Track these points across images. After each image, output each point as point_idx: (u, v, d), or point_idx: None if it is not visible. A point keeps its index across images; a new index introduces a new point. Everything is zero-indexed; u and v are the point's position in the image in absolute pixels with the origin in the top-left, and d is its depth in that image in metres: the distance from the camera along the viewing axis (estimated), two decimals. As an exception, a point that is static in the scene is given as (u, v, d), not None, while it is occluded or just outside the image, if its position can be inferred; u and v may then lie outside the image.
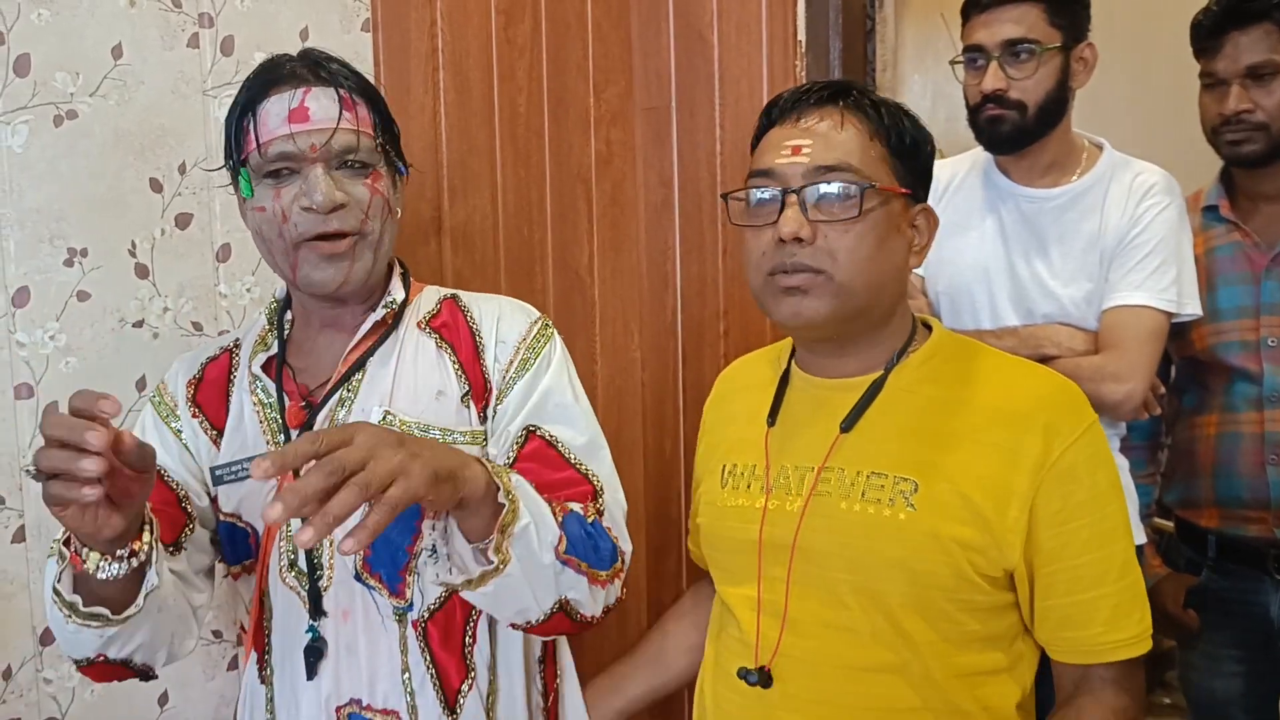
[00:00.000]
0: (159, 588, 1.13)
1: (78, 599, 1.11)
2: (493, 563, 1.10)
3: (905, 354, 1.26)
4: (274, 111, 1.23)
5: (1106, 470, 1.18)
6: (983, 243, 1.91)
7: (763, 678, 1.23)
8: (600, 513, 1.29)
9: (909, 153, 1.22)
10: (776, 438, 1.29)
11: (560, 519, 1.19)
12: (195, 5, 1.67)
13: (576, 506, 1.25)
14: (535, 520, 1.13)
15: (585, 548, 1.21)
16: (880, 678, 1.18)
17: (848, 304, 1.19)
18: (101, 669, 1.22)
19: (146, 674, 1.26)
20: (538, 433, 1.31)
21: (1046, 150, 1.87)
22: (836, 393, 1.26)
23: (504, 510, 1.09)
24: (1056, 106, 1.83)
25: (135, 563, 1.08)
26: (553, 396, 1.34)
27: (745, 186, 1.25)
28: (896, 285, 1.24)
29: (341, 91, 1.25)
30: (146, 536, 1.09)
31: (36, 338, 1.55)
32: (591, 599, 1.23)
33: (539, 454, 1.30)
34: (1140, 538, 1.93)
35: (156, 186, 1.65)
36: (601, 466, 1.34)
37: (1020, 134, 1.83)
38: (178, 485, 1.33)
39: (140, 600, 1.11)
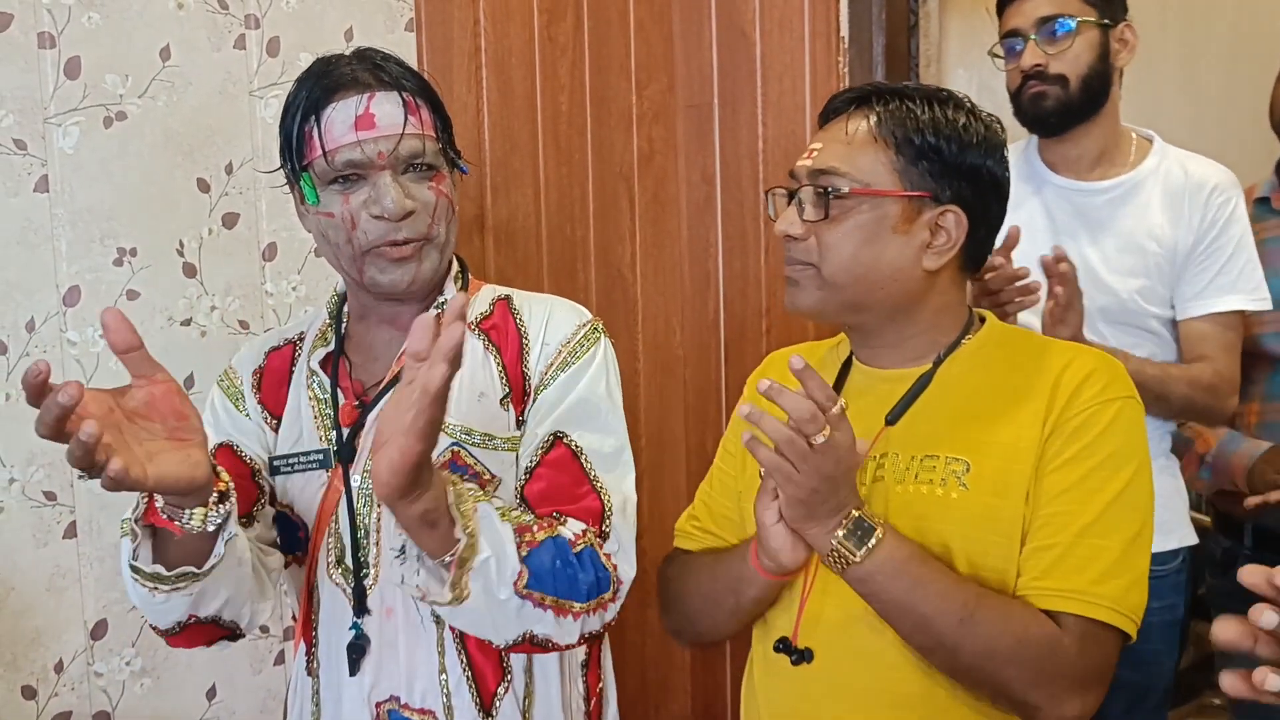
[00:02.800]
0: (236, 536, 1.15)
1: (160, 568, 1.13)
2: (451, 597, 1.12)
3: (958, 345, 1.26)
4: (339, 118, 1.22)
5: (1119, 443, 1.16)
6: (1031, 238, 1.86)
7: (801, 654, 1.23)
8: (605, 535, 1.27)
9: (924, 155, 1.21)
10: None
11: (526, 552, 1.17)
12: (242, 7, 1.69)
13: (568, 531, 1.24)
14: (495, 554, 1.13)
15: (557, 581, 1.19)
16: (924, 662, 1.17)
17: (834, 297, 1.23)
18: (192, 632, 1.23)
19: (235, 632, 1.28)
20: (564, 440, 1.29)
21: (1093, 139, 1.85)
22: (888, 384, 1.27)
23: (459, 544, 1.10)
24: (1100, 82, 1.81)
25: (229, 506, 1.11)
26: (586, 402, 1.32)
27: (780, 185, 1.31)
28: (898, 285, 1.22)
29: (405, 95, 1.24)
30: (224, 475, 1.12)
31: (87, 336, 1.58)
32: (561, 630, 1.21)
33: (561, 463, 1.29)
34: (1191, 539, 1.90)
35: (204, 186, 1.67)
36: (622, 481, 1.33)
37: (1065, 110, 1.81)
38: (250, 460, 1.34)
39: (220, 547, 1.13)
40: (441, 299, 1.34)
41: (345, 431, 1.30)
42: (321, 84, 1.24)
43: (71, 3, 1.54)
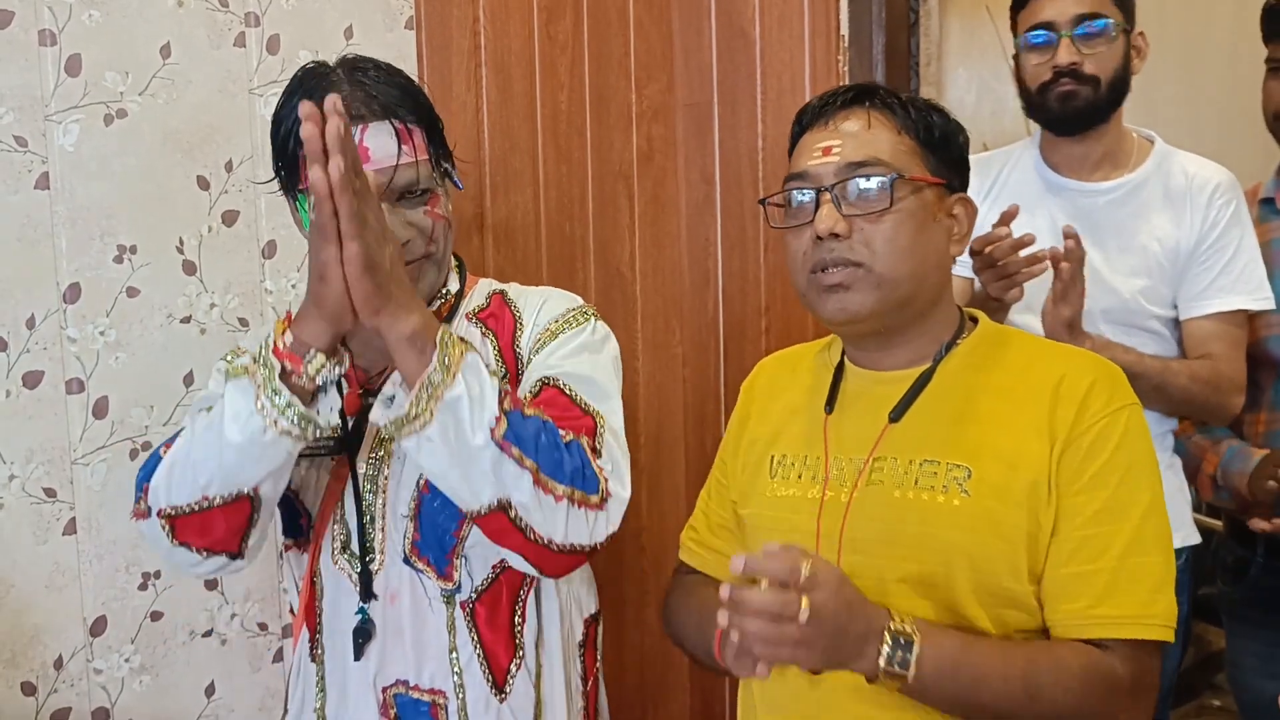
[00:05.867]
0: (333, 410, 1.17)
1: (297, 401, 1.13)
2: (406, 411, 1.11)
3: (954, 345, 1.27)
4: None
5: (1135, 453, 1.17)
6: (1035, 234, 1.89)
7: None
8: (595, 448, 1.23)
9: (940, 145, 1.24)
10: (834, 426, 1.30)
11: (510, 407, 1.15)
12: (242, 5, 1.69)
13: (557, 428, 1.20)
14: (471, 397, 1.12)
15: (539, 451, 1.15)
16: None
17: (891, 294, 1.21)
18: (228, 513, 1.20)
19: (239, 550, 1.25)
20: (552, 383, 1.28)
21: (1100, 141, 1.85)
22: (886, 385, 1.27)
23: (430, 368, 1.10)
24: (1123, 86, 1.83)
25: (343, 368, 1.16)
26: (576, 356, 1.32)
27: (781, 190, 1.28)
28: (938, 274, 1.25)
29: (397, 123, 1.24)
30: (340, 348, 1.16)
31: (87, 333, 1.58)
32: (542, 511, 1.15)
33: (550, 399, 1.27)
34: (1193, 538, 1.90)
35: (204, 184, 1.67)
36: (613, 415, 1.30)
37: (1093, 110, 1.81)
38: None
39: (335, 399, 1.17)
40: (445, 290, 1.36)
41: (350, 420, 1.30)
42: None
43: (72, 0, 1.54)
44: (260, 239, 1.73)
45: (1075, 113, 1.82)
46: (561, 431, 1.20)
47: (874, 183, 1.19)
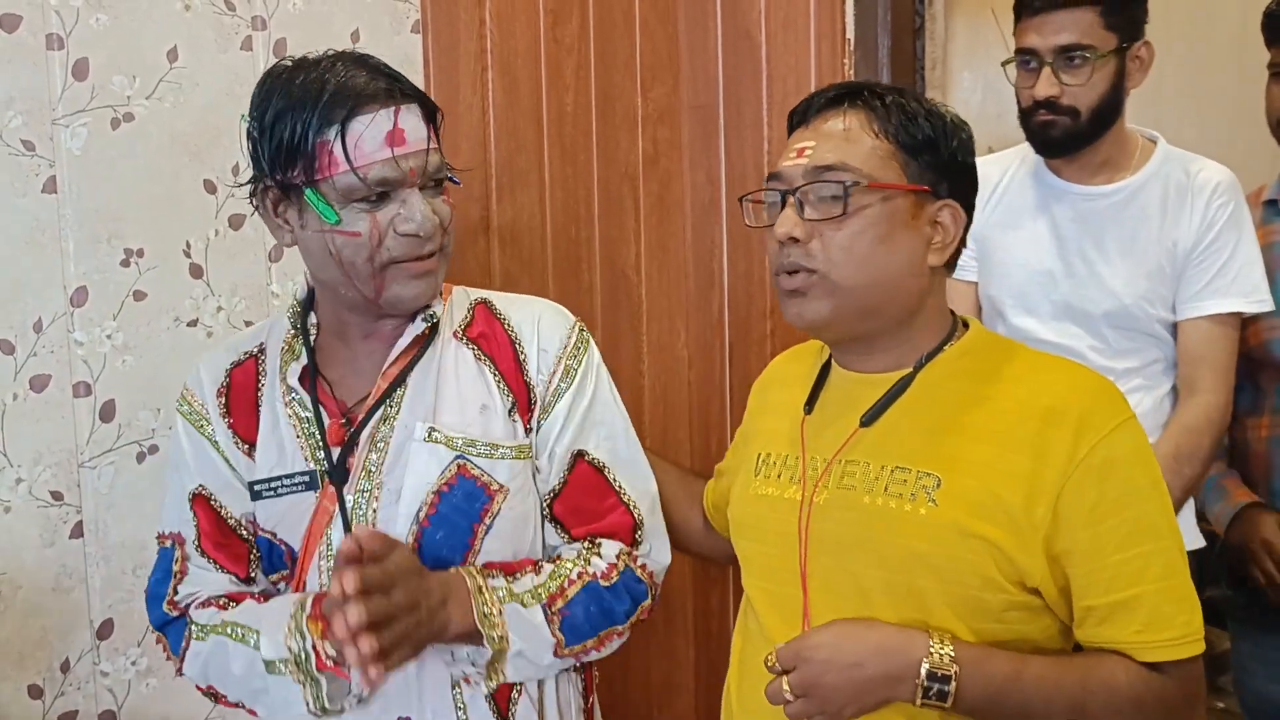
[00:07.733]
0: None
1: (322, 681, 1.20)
2: (491, 688, 1.27)
3: (940, 351, 1.24)
4: (369, 134, 1.16)
5: (1145, 467, 1.16)
6: (1035, 242, 1.88)
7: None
8: (638, 543, 1.35)
9: (925, 149, 1.19)
10: (812, 427, 1.29)
11: (560, 620, 1.27)
12: (249, 8, 1.69)
13: (602, 564, 1.31)
14: (526, 644, 1.25)
15: (594, 625, 1.30)
16: None
17: (848, 303, 1.18)
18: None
19: None
20: (585, 457, 1.32)
21: (1099, 149, 1.84)
22: (866, 388, 1.25)
23: (487, 653, 1.23)
24: (1110, 110, 1.80)
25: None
26: (597, 411, 1.34)
27: (760, 189, 1.26)
28: (911, 283, 1.21)
29: (423, 108, 1.22)
30: None
31: (94, 336, 1.59)
32: (609, 648, 1.34)
33: (585, 481, 1.33)
34: (1198, 542, 1.90)
35: (210, 188, 1.67)
36: (647, 482, 1.40)
37: (1073, 138, 1.81)
38: (227, 513, 1.32)
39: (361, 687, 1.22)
40: (430, 311, 1.30)
41: (335, 452, 1.26)
42: (339, 96, 1.17)
43: (79, 4, 1.55)
44: (267, 243, 1.73)
45: (1055, 142, 1.82)
46: (605, 570, 1.31)
47: (833, 189, 1.16)
